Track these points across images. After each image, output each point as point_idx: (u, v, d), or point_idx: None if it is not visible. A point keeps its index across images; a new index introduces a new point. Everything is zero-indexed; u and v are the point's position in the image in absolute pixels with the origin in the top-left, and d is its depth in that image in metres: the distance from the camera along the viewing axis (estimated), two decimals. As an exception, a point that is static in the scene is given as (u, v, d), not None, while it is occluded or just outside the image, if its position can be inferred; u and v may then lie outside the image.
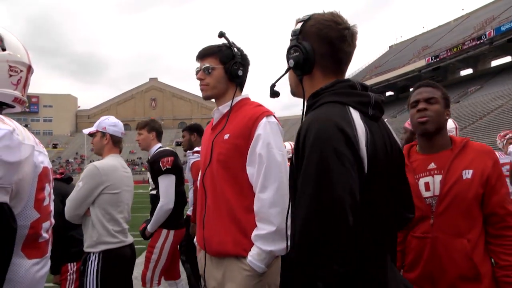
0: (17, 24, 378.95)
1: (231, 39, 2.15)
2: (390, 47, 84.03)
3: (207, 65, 2.10)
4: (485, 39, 45.25)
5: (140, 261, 6.77)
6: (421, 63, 54.30)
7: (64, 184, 3.40)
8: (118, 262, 2.84)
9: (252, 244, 1.88)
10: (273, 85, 1.47)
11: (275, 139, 1.95)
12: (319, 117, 1.19)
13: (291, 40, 1.38)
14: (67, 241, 3.19)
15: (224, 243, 1.94)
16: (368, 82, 64.08)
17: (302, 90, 1.37)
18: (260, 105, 2.13)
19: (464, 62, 51.99)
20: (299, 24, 1.37)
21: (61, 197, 3.06)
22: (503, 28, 43.28)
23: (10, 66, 1.37)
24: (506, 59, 49.98)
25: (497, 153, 6.29)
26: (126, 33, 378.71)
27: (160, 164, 3.69)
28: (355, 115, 1.22)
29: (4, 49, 1.36)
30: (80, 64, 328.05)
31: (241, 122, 2.01)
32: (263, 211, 1.87)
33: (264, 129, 1.95)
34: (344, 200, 1.07)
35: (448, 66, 54.19)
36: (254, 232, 1.88)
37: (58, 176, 3.44)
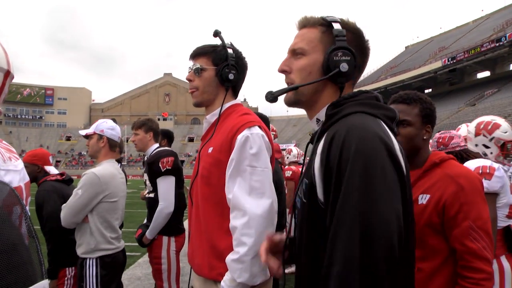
0: (38, 16, 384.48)
1: (228, 40, 1.98)
2: (406, 47, 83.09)
3: (198, 65, 1.94)
4: (504, 41, 44.35)
5: (144, 260, 6.78)
6: (437, 64, 53.52)
7: (64, 185, 3.31)
8: (113, 267, 2.85)
9: (227, 269, 1.71)
10: (296, 87, 1.23)
11: (251, 159, 1.73)
12: (358, 125, 1.02)
13: (338, 40, 1.18)
14: (69, 245, 3.07)
15: (202, 266, 1.83)
16: (383, 83, 63.81)
17: (339, 99, 1.19)
18: (247, 113, 1.92)
19: (482, 64, 51.09)
20: (338, 25, 1.20)
21: (62, 199, 3.00)
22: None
23: None
24: (525, 62, 49.04)
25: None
26: (146, 27, 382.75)
27: (160, 165, 3.43)
28: (386, 128, 1.08)
29: None
30: (98, 57, 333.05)
31: (224, 134, 1.83)
32: (237, 235, 1.69)
33: (239, 151, 1.74)
34: (393, 230, 0.92)
35: (465, 68, 53.33)
36: (229, 256, 1.70)
37: (59, 177, 3.33)
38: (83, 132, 3.08)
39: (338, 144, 1.00)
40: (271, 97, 1.23)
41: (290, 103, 1.27)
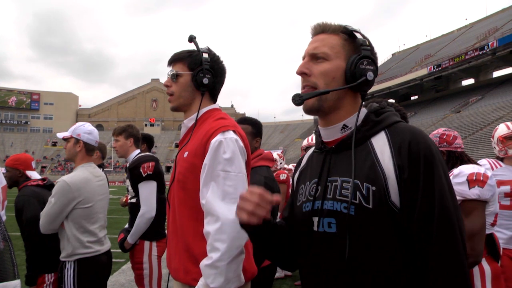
0: (24, 19, 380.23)
1: (201, 45, 1.97)
2: (392, 54, 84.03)
3: (174, 71, 1.94)
4: (487, 50, 45.20)
5: (128, 267, 6.71)
6: (423, 71, 54.24)
7: (45, 191, 3.27)
8: (93, 268, 2.84)
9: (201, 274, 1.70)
10: (327, 92, 1.23)
11: (225, 164, 1.72)
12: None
13: (363, 49, 1.23)
14: (47, 251, 3.04)
15: (178, 270, 1.82)
16: (370, 90, 63.73)
17: (359, 110, 1.25)
18: (222, 118, 1.92)
19: (466, 72, 51.93)
20: (358, 34, 1.26)
21: (42, 205, 2.95)
22: (506, 39, 43.23)
23: None
24: (508, 70, 49.92)
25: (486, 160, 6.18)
26: (135, 34, 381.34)
27: (141, 170, 3.44)
28: None
29: None
30: (86, 62, 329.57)
31: (199, 138, 1.83)
32: (210, 241, 1.68)
33: (212, 156, 1.74)
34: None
35: (450, 76, 54.17)
36: (203, 262, 1.68)
37: (40, 182, 3.30)
38: (60, 135, 3.05)
39: (419, 149, 1.11)
40: (300, 100, 1.23)
41: (312, 109, 1.26)
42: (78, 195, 2.80)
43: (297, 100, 1.22)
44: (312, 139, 4.12)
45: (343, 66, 1.23)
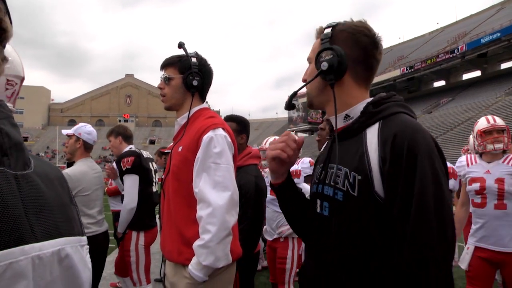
0: None
1: (192, 49, 2.18)
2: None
3: (166, 75, 2.15)
4: (457, 53, 46.55)
5: (110, 260, 6.74)
6: (396, 72, 55.31)
7: None
8: (92, 246, 2.98)
9: (194, 254, 1.92)
10: (294, 94, 1.35)
11: (215, 157, 1.94)
12: (416, 127, 1.15)
13: (322, 43, 1.30)
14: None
15: (171, 252, 2.03)
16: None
17: (334, 97, 1.28)
18: (212, 116, 2.13)
19: (437, 74, 53.28)
20: (328, 29, 1.31)
21: None
22: (474, 44, 44.66)
23: (8, 80, 1.34)
24: (476, 73, 51.54)
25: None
26: (111, 29, 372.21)
27: (121, 164, 3.80)
28: None
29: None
30: (61, 56, 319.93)
31: (191, 135, 2.04)
32: (202, 224, 1.90)
33: (204, 150, 1.96)
34: (449, 205, 1.10)
35: (422, 77, 55.45)
36: (196, 242, 1.90)
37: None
38: (65, 132, 3.59)
39: (403, 143, 1.10)
40: (286, 105, 1.39)
41: (308, 106, 1.44)
42: (78, 185, 3.30)
43: (285, 105, 1.40)
44: (266, 143, 4.27)
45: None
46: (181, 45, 2.10)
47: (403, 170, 1.09)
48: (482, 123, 3.18)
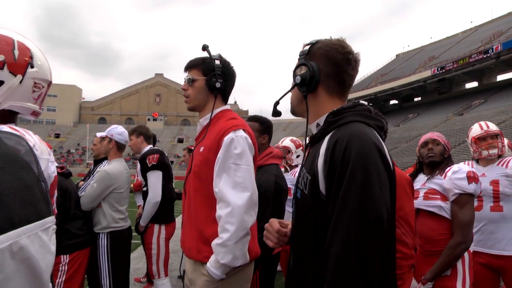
0: (34, 11, 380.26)
1: (215, 52, 2.21)
2: (397, 55, 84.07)
3: (190, 76, 2.19)
4: (492, 53, 45.28)
5: (134, 256, 6.91)
6: (427, 73, 54.32)
7: (63, 178, 3.45)
8: (121, 239, 3.68)
9: (212, 252, 1.96)
10: (277, 103, 1.52)
11: (236, 158, 1.98)
12: (357, 133, 1.21)
13: (298, 59, 1.45)
14: (62, 233, 3.26)
15: (191, 249, 2.07)
16: (373, 90, 64.34)
17: (306, 107, 1.43)
18: (234, 118, 2.17)
19: (470, 75, 52.00)
20: (307, 46, 1.44)
21: (61, 191, 3.22)
22: (510, 43, 43.27)
23: (35, 83, 1.44)
24: (511, 75, 49.97)
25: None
26: (143, 29, 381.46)
27: (147, 161, 4.04)
28: (378, 135, 1.28)
29: (32, 66, 1.42)
30: (93, 56, 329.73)
31: (213, 135, 2.08)
32: (221, 223, 1.94)
33: (225, 151, 1.99)
34: (383, 217, 1.11)
35: (453, 78, 54.22)
36: (214, 241, 1.94)
37: (59, 170, 3.48)
38: (99, 134, 3.96)
39: (342, 147, 1.18)
40: (272, 112, 1.54)
41: (291, 113, 1.56)
42: (115, 182, 3.60)
43: (272, 113, 1.56)
44: (282, 142, 4.38)
45: None
46: (205, 48, 2.15)
47: (336, 175, 1.17)
48: (475, 130, 3.22)
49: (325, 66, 1.38)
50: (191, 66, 2.22)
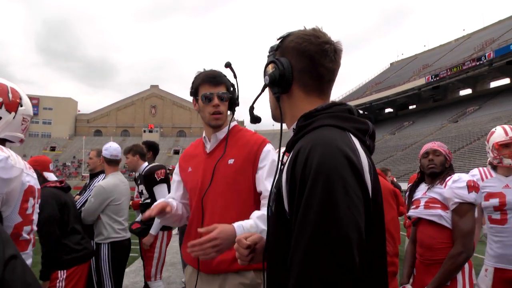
0: (33, 24, 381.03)
1: (213, 60, 2.26)
2: (391, 64, 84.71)
3: (223, 91, 2.16)
4: (484, 60, 45.71)
5: (131, 270, 6.86)
6: (421, 81, 54.72)
7: (62, 192, 3.46)
8: (121, 249, 3.95)
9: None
10: (252, 108, 1.37)
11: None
12: (321, 141, 1.02)
13: (268, 57, 1.28)
14: (60, 248, 3.24)
15: (225, 261, 1.97)
16: (368, 98, 64.63)
17: (280, 110, 1.26)
18: (255, 133, 2.25)
19: (464, 82, 52.44)
20: (279, 41, 1.27)
21: (60, 205, 3.22)
22: (502, 51, 43.72)
23: (23, 118, 1.93)
24: (505, 81, 50.46)
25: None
26: (139, 41, 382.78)
27: (155, 176, 4.45)
28: (356, 142, 1.08)
29: (21, 105, 1.90)
30: (90, 68, 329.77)
31: (245, 148, 2.12)
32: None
33: (268, 159, 2.09)
34: (351, 239, 0.91)
35: (447, 86, 54.63)
36: (255, 212, 1.93)
37: (58, 184, 3.48)
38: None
39: (302, 160, 1.00)
40: (251, 119, 1.43)
41: (273, 119, 1.38)
42: (111, 195, 3.85)
43: (251, 119, 1.44)
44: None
45: None
46: (228, 65, 2.07)
47: (296, 191, 1.00)
48: (499, 135, 2.98)
49: (298, 61, 1.20)
50: (222, 81, 2.17)
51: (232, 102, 2.19)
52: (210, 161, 2.15)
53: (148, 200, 4.54)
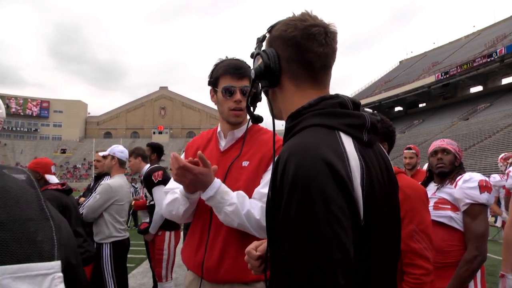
0: (45, 28, 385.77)
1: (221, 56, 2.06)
2: (400, 62, 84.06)
3: (245, 85, 1.92)
4: (495, 57, 45.08)
5: (138, 271, 6.84)
6: (431, 79, 54.15)
7: (64, 195, 3.45)
8: (122, 248, 4.05)
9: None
10: (248, 107, 1.31)
11: None
12: (299, 147, 0.91)
13: (254, 49, 1.18)
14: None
15: (234, 271, 1.78)
16: (377, 97, 64.27)
17: (270, 106, 1.15)
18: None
19: (474, 79, 51.78)
20: (266, 32, 1.17)
21: (61, 208, 3.19)
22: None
23: (0, 122, 1.99)
24: (517, 78, 49.72)
25: (498, 176, 6.07)
26: (150, 43, 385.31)
27: (153, 178, 4.51)
28: (347, 142, 0.96)
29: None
30: (100, 71, 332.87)
31: (262, 150, 1.90)
32: None
33: None
34: (334, 260, 0.81)
35: (457, 83, 53.99)
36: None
37: (59, 187, 3.48)
38: (101, 154, 4.38)
39: (280, 171, 0.91)
40: (251, 119, 1.40)
41: (272, 117, 1.23)
42: (116, 194, 3.97)
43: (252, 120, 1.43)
44: None
45: None
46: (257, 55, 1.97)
47: (276, 201, 0.92)
48: None
49: (284, 50, 1.08)
50: (246, 74, 1.93)
51: (255, 97, 1.89)
52: (224, 160, 1.95)
53: (152, 202, 4.62)
